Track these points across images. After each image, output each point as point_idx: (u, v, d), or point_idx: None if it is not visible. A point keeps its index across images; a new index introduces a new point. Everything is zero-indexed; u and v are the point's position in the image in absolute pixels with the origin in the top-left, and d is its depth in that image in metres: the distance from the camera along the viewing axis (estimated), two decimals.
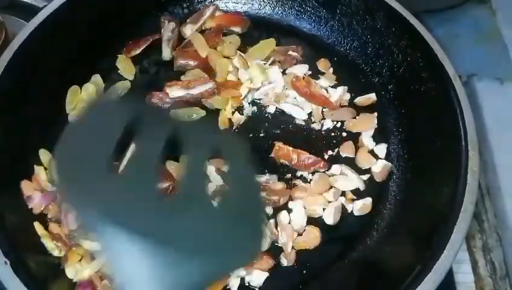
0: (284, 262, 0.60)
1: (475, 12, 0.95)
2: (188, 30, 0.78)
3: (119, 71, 0.75)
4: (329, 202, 0.65)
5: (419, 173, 0.65)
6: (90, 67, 0.74)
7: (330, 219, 0.63)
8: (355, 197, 0.65)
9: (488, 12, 0.95)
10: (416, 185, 0.64)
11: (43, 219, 0.60)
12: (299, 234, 0.62)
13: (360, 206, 0.64)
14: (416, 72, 0.68)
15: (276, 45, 0.77)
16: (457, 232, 0.52)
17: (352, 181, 0.66)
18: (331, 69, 0.77)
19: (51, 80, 0.69)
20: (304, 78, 0.72)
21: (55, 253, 0.58)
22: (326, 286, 0.59)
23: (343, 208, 0.65)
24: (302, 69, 0.76)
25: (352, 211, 0.65)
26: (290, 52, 0.77)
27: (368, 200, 0.65)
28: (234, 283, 0.58)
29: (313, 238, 0.62)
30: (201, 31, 0.79)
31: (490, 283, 0.70)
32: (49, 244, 0.58)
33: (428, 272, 0.50)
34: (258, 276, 0.58)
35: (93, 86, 0.72)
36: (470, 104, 0.62)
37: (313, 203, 0.64)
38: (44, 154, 0.64)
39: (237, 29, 0.80)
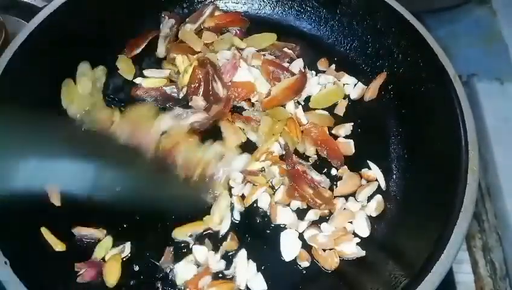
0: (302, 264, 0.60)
1: (475, 13, 0.95)
2: (187, 30, 0.78)
3: (119, 71, 0.75)
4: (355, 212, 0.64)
5: (419, 173, 0.65)
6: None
7: (365, 230, 0.62)
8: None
9: (488, 13, 0.95)
10: (416, 185, 0.64)
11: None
12: (324, 250, 0.61)
13: (375, 207, 0.64)
14: (417, 72, 0.68)
15: (283, 46, 0.78)
16: (458, 232, 0.52)
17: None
18: (333, 66, 0.77)
19: (50, 79, 0.69)
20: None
21: (58, 248, 0.58)
22: (326, 286, 0.59)
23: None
24: (297, 64, 0.76)
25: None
26: (286, 49, 0.77)
27: (379, 197, 0.65)
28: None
29: (331, 262, 0.60)
30: (200, 30, 0.79)
31: (490, 282, 0.70)
32: (52, 240, 0.58)
33: (428, 272, 0.50)
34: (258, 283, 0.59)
35: (87, 78, 0.72)
36: (470, 104, 0.62)
37: (345, 219, 0.63)
38: None
39: (236, 29, 0.80)
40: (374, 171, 0.67)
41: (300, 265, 0.60)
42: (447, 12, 0.93)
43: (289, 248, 0.61)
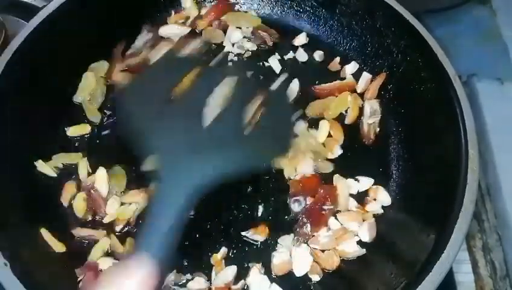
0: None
1: (475, 13, 0.95)
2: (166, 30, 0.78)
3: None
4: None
5: (419, 173, 0.65)
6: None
7: (366, 236, 0.62)
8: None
9: (488, 13, 0.95)
10: (416, 185, 0.64)
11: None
12: (322, 251, 0.61)
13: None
14: (416, 72, 0.68)
15: (264, 30, 0.79)
16: (458, 232, 0.52)
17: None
18: (338, 58, 0.77)
19: (50, 79, 0.68)
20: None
21: (57, 249, 0.58)
22: (327, 286, 0.59)
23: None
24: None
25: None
26: (260, 32, 0.78)
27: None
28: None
29: (331, 262, 0.60)
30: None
31: (490, 282, 0.70)
32: (52, 241, 0.58)
33: (428, 272, 0.50)
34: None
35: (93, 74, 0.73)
36: (470, 104, 0.62)
37: (350, 220, 0.63)
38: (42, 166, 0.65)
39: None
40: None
41: (311, 278, 0.59)
42: (447, 12, 0.93)
43: (300, 263, 0.60)
